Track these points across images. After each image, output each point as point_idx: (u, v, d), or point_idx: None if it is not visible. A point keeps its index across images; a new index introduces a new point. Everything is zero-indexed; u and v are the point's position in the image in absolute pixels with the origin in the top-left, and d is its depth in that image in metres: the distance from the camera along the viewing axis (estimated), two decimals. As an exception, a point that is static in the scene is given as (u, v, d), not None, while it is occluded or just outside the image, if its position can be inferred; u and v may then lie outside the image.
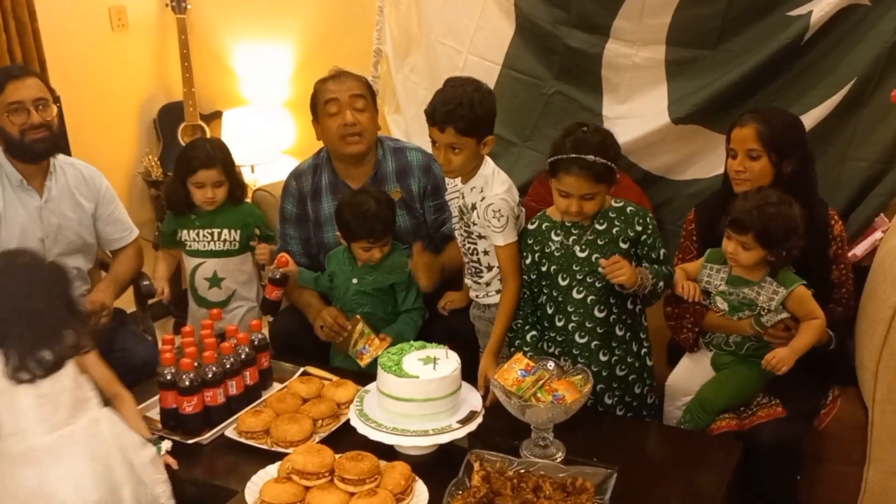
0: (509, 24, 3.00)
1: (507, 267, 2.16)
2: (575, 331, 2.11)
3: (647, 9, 2.72)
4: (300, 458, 1.76)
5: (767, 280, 2.06)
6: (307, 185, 2.64)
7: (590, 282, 2.08)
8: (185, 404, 2.00)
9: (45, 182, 2.44)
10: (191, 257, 2.73)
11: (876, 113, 2.50)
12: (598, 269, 2.05)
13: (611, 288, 2.06)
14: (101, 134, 3.59)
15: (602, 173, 1.99)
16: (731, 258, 2.07)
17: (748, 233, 1.99)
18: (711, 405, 2.11)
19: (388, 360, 1.93)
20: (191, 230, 2.71)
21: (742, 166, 2.16)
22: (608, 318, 2.09)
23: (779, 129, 2.15)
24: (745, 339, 2.13)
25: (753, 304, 2.08)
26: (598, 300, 2.08)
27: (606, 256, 2.04)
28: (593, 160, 1.97)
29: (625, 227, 2.07)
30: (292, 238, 2.65)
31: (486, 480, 1.71)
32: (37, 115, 2.33)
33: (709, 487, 1.79)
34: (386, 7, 3.26)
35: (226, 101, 3.91)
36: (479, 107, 2.09)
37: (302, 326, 2.53)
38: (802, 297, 2.05)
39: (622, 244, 2.06)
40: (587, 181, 1.99)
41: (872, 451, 2.09)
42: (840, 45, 2.52)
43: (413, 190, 2.59)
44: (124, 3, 3.70)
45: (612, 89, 2.91)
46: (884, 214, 2.51)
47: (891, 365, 2.01)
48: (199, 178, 2.62)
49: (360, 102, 2.49)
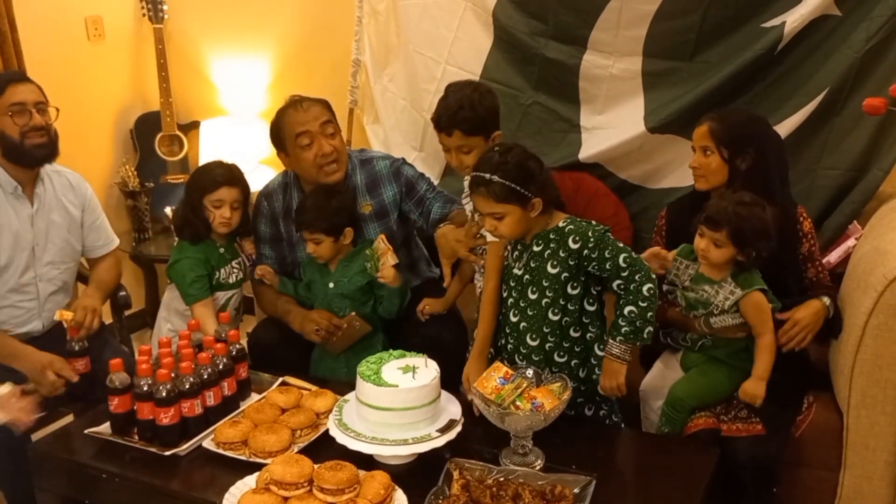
0: (487, 35, 3.02)
1: (489, 264, 2.16)
2: (513, 352, 2.11)
3: (624, 21, 2.75)
4: (278, 469, 1.75)
5: (728, 281, 2.10)
6: (279, 204, 2.62)
7: (522, 306, 2.07)
8: (161, 415, 1.98)
9: (36, 189, 2.44)
10: (219, 292, 2.57)
11: (848, 122, 2.54)
12: (529, 295, 2.04)
13: (544, 317, 2.03)
14: (78, 144, 3.54)
15: (503, 194, 1.94)
16: (702, 255, 2.10)
17: (721, 230, 2.03)
18: (681, 403, 2.13)
19: (367, 369, 1.93)
20: (224, 267, 2.58)
21: (697, 163, 2.25)
22: (543, 345, 2.06)
23: (731, 125, 2.21)
24: (700, 336, 2.18)
25: (709, 302, 2.12)
26: (530, 328, 2.07)
27: (535, 280, 2.03)
28: (489, 178, 1.94)
29: (557, 247, 2.01)
30: (268, 258, 2.64)
31: (466, 489, 1.71)
32: (38, 118, 2.33)
33: (685, 493, 1.80)
34: (364, 17, 3.27)
35: (203, 111, 3.89)
36: (481, 106, 2.14)
37: (281, 336, 2.52)
38: (758, 302, 2.08)
39: (551, 268, 2.01)
40: (486, 200, 1.97)
41: (847, 456, 2.12)
42: (812, 56, 2.56)
43: (386, 200, 2.58)
44: (101, 14, 3.68)
45: (589, 100, 2.93)
46: (857, 222, 2.55)
47: (864, 370, 2.03)
48: (220, 196, 2.48)
49: (329, 128, 2.46)
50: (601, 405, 2.13)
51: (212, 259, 2.54)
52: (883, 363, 2.00)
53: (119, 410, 2.04)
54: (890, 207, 2.43)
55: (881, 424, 2.05)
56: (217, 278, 2.56)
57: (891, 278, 1.95)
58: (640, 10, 2.71)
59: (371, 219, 2.55)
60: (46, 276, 2.47)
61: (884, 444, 2.06)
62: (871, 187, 2.53)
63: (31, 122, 2.32)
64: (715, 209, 2.07)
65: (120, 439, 2.03)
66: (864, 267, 2.10)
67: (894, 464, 2.07)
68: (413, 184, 2.57)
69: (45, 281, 2.46)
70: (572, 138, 2.96)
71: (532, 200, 1.97)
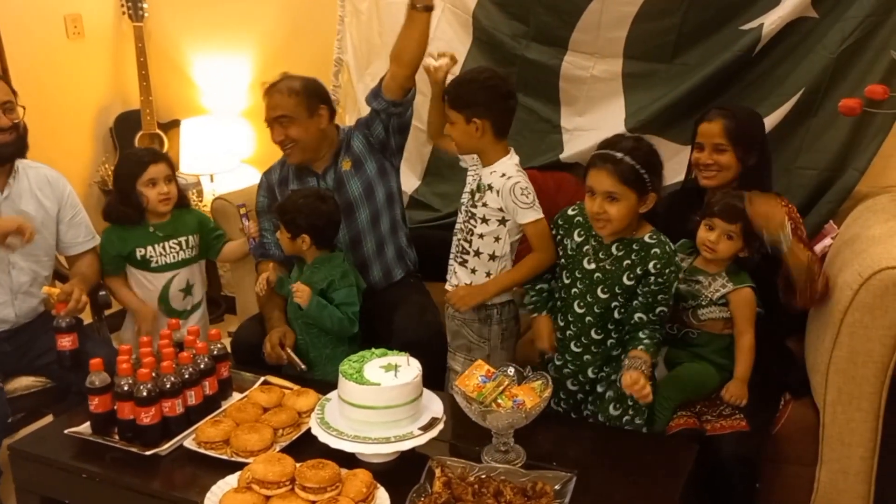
0: (466, 35, 3.03)
1: (538, 242, 2.20)
2: (571, 339, 2.14)
3: (605, 22, 2.77)
4: (260, 468, 1.75)
5: (723, 275, 2.15)
6: (276, 176, 2.74)
7: (590, 301, 2.10)
8: (142, 415, 1.97)
9: (8, 180, 2.46)
10: (160, 273, 2.67)
11: (824, 122, 2.58)
12: (598, 292, 2.07)
13: (611, 316, 2.07)
14: (57, 142, 3.53)
15: (629, 175, 1.96)
16: (709, 247, 2.14)
17: (738, 223, 2.08)
18: (665, 400, 2.15)
19: (349, 367, 1.93)
20: (155, 245, 2.66)
21: (711, 159, 2.28)
22: (605, 340, 2.11)
23: (744, 124, 2.26)
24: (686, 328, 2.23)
25: (699, 294, 2.17)
26: (596, 323, 2.10)
27: (608, 282, 2.06)
28: (620, 157, 1.97)
29: (638, 261, 2.03)
30: (266, 230, 2.69)
31: (448, 486, 1.72)
32: (5, 118, 2.37)
33: (665, 489, 1.82)
34: (347, 17, 3.27)
35: (184, 109, 3.87)
36: (467, 86, 2.18)
37: (263, 336, 2.51)
38: (748, 299, 2.13)
39: (627, 280, 2.04)
40: (610, 178, 1.97)
41: (824, 452, 2.15)
42: (789, 57, 2.60)
43: (356, 149, 2.64)
44: (80, 12, 3.66)
45: (570, 101, 2.95)
46: (833, 221, 2.58)
47: (840, 368, 2.06)
48: (151, 174, 2.59)
49: (283, 120, 2.56)
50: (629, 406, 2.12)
51: (132, 238, 2.63)
52: (858, 360, 2.03)
53: (99, 410, 2.03)
54: (865, 207, 2.46)
55: (857, 420, 2.08)
56: (143, 255, 2.63)
57: (866, 277, 1.98)
58: (621, 12, 2.74)
59: (351, 175, 2.62)
60: (18, 265, 2.49)
61: (859, 439, 2.09)
62: (846, 187, 2.56)
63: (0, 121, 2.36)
64: (730, 203, 2.10)
65: (100, 439, 2.01)
66: (839, 266, 2.13)
67: (870, 459, 2.10)
68: (366, 119, 2.66)
69: (17, 269, 2.49)
70: (553, 139, 2.98)
71: (650, 193, 1.99)
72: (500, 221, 2.22)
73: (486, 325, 2.30)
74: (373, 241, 2.65)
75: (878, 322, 1.99)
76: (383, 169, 2.66)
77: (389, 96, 2.50)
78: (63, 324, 2.38)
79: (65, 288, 2.42)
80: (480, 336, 2.31)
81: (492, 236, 2.23)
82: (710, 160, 2.29)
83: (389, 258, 2.69)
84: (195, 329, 2.20)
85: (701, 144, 2.31)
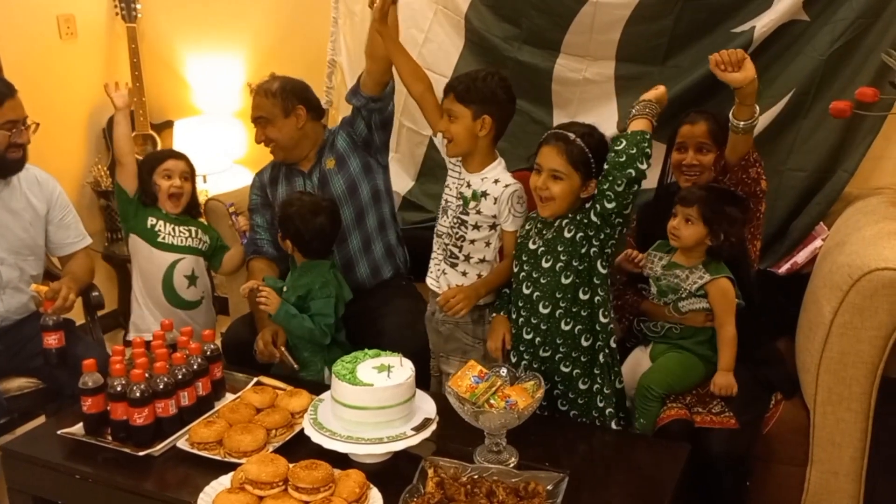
0: (458, 37, 3.04)
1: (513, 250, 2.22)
2: (523, 326, 2.15)
3: (598, 25, 2.78)
4: (253, 468, 1.75)
5: (699, 267, 2.19)
6: (267, 175, 2.77)
7: (535, 276, 2.11)
8: (135, 416, 1.97)
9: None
10: (165, 252, 2.69)
11: (814, 123, 2.60)
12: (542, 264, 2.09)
13: (557, 283, 2.07)
14: (50, 143, 3.50)
15: (577, 157, 2.01)
16: (673, 234, 2.19)
17: (692, 205, 2.14)
18: (651, 392, 2.17)
19: (342, 368, 1.93)
20: (166, 222, 2.70)
21: (695, 160, 2.32)
22: (553, 312, 2.09)
23: (725, 126, 2.28)
24: (669, 323, 2.26)
25: (678, 288, 2.21)
26: (543, 296, 2.11)
27: (550, 248, 2.08)
28: (573, 138, 2.02)
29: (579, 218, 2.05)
30: (259, 227, 2.72)
31: (441, 486, 1.73)
32: (26, 134, 2.44)
33: (657, 488, 1.82)
34: (340, 18, 3.28)
35: (177, 110, 3.87)
36: (482, 82, 2.18)
37: (253, 335, 2.52)
38: (725, 289, 2.17)
39: (567, 232, 2.06)
40: (558, 156, 2.02)
41: (814, 452, 2.16)
42: (780, 59, 2.61)
43: (339, 147, 2.66)
44: (73, 12, 3.65)
45: (562, 104, 2.96)
46: (823, 223, 2.60)
47: (830, 368, 2.07)
48: (168, 166, 2.68)
49: (261, 120, 2.61)
50: (596, 378, 2.11)
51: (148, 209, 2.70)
52: (848, 361, 2.05)
53: (92, 411, 2.03)
54: (855, 209, 2.48)
55: (847, 421, 2.09)
56: (153, 225, 2.69)
57: (856, 278, 1.99)
58: (614, 15, 2.74)
59: (334, 172, 2.64)
60: (7, 261, 2.50)
61: (849, 439, 2.10)
62: (836, 189, 2.58)
63: (20, 139, 2.42)
64: (686, 189, 2.21)
65: (93, 440, 2.02)
66: (829, 267, 2.14)
67: (859, 459, 2.12)
68: (349, 118, 2.69)
69: (5, 265, 2.50)
70: (546, 141, 2.98)
71: (592, 181, 2.02)
72: (491, 227, 2.23)
73: (479, 325, 2.31)
74: (358, 238, 2.65)
75: (867, 323, 2.00)
76: (368, 166, 2.67)
77: (367, 92, 2.53)
78: (50, 321, 2.39)
79: (53, 286, 2.43)
80: (475, 336, 2.31)
81: (483, 241, 2.24)
82: (693, 161, 2.32)
83: (377, 256, 2.69)
84: (188, 330, 2.20)
85: (684, 145, 2.34)
